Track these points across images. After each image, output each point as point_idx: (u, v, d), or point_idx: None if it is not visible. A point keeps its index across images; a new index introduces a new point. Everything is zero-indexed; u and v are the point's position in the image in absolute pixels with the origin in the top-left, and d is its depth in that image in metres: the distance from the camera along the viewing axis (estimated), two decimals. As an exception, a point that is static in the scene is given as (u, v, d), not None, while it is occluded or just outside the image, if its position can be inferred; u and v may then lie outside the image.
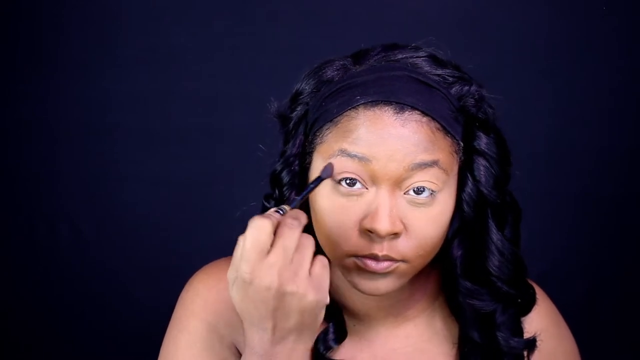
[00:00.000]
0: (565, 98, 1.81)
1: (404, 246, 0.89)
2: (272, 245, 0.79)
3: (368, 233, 0.88)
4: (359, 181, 0.88)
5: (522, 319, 1.00)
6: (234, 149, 1.74)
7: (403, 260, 0.89)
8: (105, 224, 1.85)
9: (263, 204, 1.01)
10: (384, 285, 0.91)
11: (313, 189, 0.87)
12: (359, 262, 0.89)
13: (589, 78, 1.79)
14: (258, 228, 0.78)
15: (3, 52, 1.80)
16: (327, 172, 0.88)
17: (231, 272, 0.81)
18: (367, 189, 0.88)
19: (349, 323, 1.02)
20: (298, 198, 0.86)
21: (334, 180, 0.88)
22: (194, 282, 1.05)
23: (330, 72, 0.94)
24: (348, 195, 0.88)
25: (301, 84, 0.97)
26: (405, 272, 0.91)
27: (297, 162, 0.96)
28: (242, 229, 0.80)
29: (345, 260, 0.91)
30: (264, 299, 0.79)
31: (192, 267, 1.08)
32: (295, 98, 0.97)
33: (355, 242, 0.89)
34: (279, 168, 0.98)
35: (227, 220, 1.02)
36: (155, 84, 1.81)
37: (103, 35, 1.80)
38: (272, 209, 0.83)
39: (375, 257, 0.88)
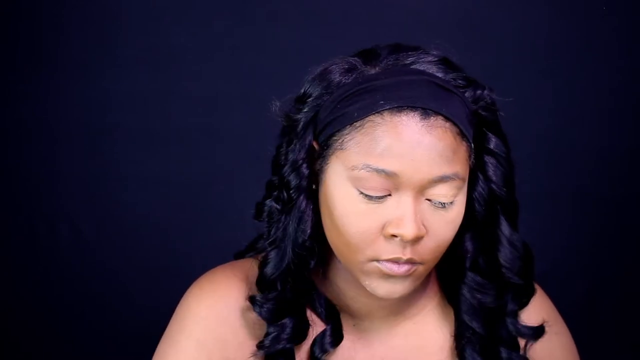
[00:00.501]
0: (565, 98, 1.81)
1: (424, 248, 0.90)
2: None
3: (392, 237, 0.88)
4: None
5: (519, 312, 1.01)
6: (234, 149, 1.74)
7: (421, 263, 0.90)
8: (105, 224, 1.85)
9: (263, 203, 1.01)
10: (401, 288, 0.92)
11: None
12: (381, 266, 0.90)
13: (589, 78, 1.79)
14: None
15: (3, 52, 1.80)
16: None
17: None
18: (390, 195, 0.88)
19: (349, 322, 1.02)
20: None
21: (357, 189, 0.88)
22: (188, 297, 1.03)
23: (340, 74, 0.93)
24: (370, 200, 0.88)
25: (308, 86, 0.95)
26: (421, 274, 0.93)
27: (304, 165, 0.95)
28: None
29: (366, 265, 0.91)
30: None
31: (192, 267, 1.07)
32: (303, 99, 0.95)
33: (378, 246, 0.89)
34: (287, 171, 0.96)
35: (227, 220, 1.02)
36: (155, 84, 1.80)
37: (103, 35, 1.80)
38: None
39: (397, 261, 0.89)
